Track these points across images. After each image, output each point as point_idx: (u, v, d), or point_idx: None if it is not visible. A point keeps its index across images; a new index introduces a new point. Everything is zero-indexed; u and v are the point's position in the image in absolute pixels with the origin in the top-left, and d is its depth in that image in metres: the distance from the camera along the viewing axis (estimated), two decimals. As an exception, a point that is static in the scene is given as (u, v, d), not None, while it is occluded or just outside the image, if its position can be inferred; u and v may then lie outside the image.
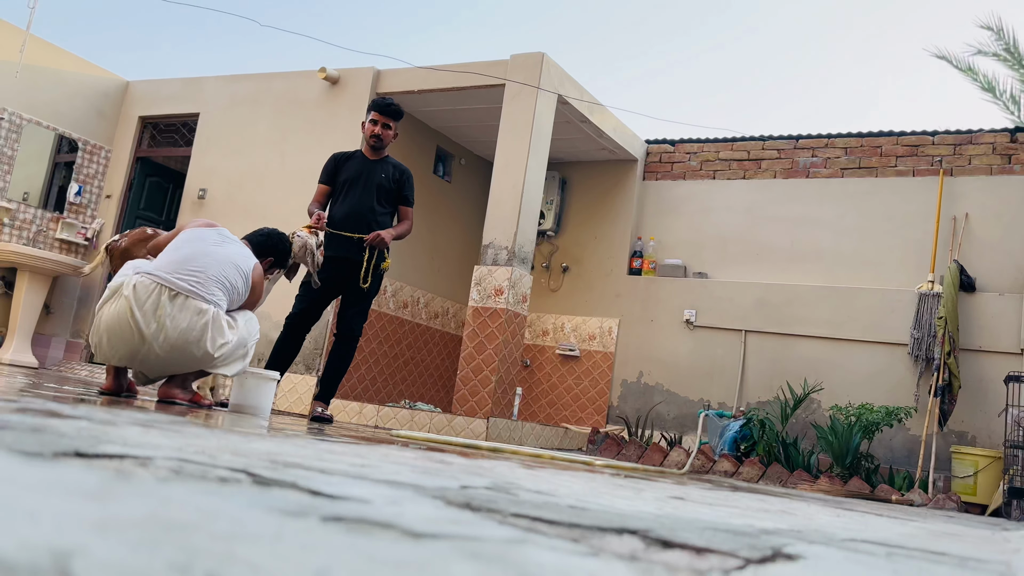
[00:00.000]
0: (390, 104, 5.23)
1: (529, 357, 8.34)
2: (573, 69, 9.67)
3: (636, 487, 2.36)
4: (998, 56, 6.36)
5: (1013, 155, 6.87)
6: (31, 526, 0.60)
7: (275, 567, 0.60)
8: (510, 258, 6.51)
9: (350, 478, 1.33)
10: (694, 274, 7.81)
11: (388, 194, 5.22)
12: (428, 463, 2.01)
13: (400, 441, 3.58)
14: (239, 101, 8.31)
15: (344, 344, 5.15)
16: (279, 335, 5.21)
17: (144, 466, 1.07)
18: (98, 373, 7.82)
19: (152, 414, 2.79)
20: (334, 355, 5.18)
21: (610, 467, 3.95)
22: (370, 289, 5.12)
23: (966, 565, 1.36)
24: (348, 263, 5.08)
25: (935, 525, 2.69)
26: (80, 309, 8.62)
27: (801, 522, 1.84)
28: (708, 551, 1.03)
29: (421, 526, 0.89)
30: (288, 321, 5.17)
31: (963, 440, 6.37)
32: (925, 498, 5.32)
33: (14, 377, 4.88)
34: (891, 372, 6.75)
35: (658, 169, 8.35)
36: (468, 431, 5.83)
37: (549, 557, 0.82)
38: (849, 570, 1.10)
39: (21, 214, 8.25)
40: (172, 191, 9.14)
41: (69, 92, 8.58)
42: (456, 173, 8.54)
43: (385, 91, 7.39)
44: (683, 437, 7.11)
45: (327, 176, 5.30)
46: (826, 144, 7.62)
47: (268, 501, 0.93)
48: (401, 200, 5.29)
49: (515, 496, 1.40)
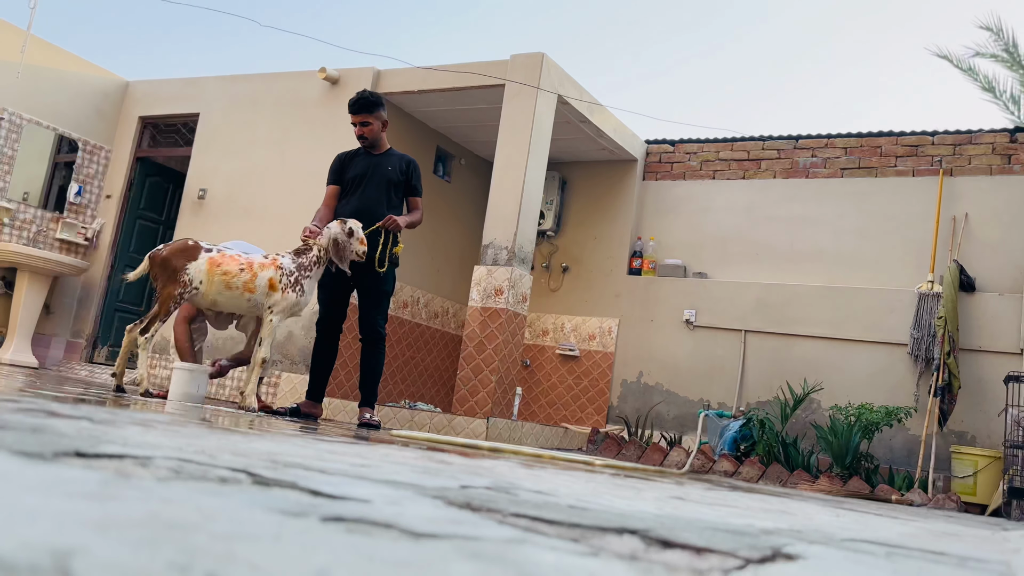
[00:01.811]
0: (356, 101, 5.20)
1: (529, 357, 8.34)
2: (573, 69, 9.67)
3: (636, 487, 2.36)
4: (997, 57, 6.36)
5: (1013, 155, 6.87)
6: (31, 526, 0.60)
7: (275, 567, 0.60)
8: (510, 258, 6.51)
9: (350, 478, 1.33)
10: (694, 274, 7.81)
11: (397, 186, 5.22)
12: (428, 463, 2.01)
13: (400, 441, 3.58)
14: (239, 101, 8.31)
15: (372, 346, 5.15)
16: (314, 341, 5.30)
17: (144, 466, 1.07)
18: (98, 373, 7.82)
19: (152, 414, 2.79)
20: (365, 359, 5.19)
21: (610, 467, 3.94)
22: (386, 285, 5.13)
23: (966, 565, 1.36)
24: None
25: (935, 525, 2.69)
26: (80, 309, 8.62)
27: (801, 522, 1.84)
28: (708, 551, 1.04)
29: (421, 526, 0.89)
30: (317, 326, 5.28)
31: (963, 440, 6.37)
32: (925, 498, 5.32)
33: (14, 377, 4.88)
34: (891, 372, 6.75)
35: (658, 169, 8.35)
36: (468, 431, 5.83)
37: (549, 557, 0.82)
38: (849, 570, 1.10)
39: (21, 214, 8.25)
40: (172, 191, 9.14)
41: (69, 92, 8.58)
42: (456, 173, 8.54)
43: (385, 91, 7.39)
44: (683, 437, 7.11)
45: (335, 176, 5.30)
46: (826, 144, 7.62)
47: (268, 501, 0.93)
48: (410, 191, 5.29)
49: (515, 496, 1.40)
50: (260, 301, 4.72)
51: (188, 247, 4.71)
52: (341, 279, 5.14)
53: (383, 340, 5.16)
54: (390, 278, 5.17)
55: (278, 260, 4.78)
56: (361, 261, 4.87)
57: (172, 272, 4.63)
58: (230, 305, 4.77)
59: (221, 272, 4.67)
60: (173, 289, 4.62)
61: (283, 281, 4.71)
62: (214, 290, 4.67)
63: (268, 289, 4.71)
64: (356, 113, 5.19)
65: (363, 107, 5.18)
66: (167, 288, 4.63)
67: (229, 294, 4.68)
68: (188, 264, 4.64)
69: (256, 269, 4.71)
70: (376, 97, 5.24)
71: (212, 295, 4.69)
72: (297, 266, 4.77)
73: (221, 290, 4.67)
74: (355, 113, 5.20)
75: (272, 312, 4.71)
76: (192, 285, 4.63)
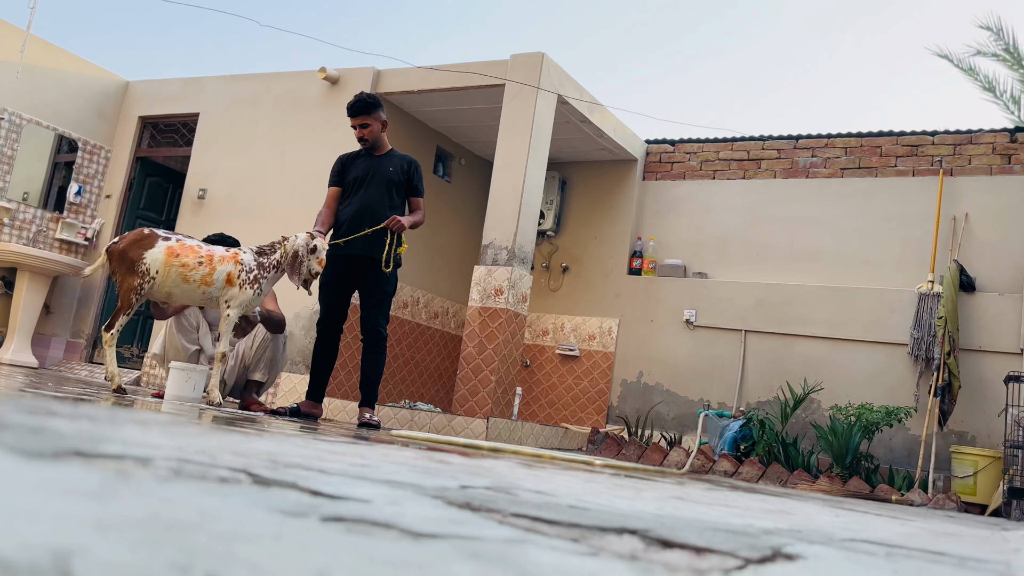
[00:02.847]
0: (354, 103, 5.22)
1: (529, 357, 8.34)
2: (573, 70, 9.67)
3: (636, 487, 2.36)
4: (997, 56, 6.36)
5: (1013, 155, 6.87)
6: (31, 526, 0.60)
7: (275, 567, 0.60)
8: (510, 258, 6.51)
9: (350, 478, 1.33)
10: (694, 274, 7.81)
11: (399, 187, 5.22)
12: (428, 463, 2.01)
13: (400, 441, 3.58)
14: (239, 101, 8.31)
15: (373, 347, 5.15)
16: (315, 341, 5.28)
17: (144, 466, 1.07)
18: (97, 373, 7.82)
19: (152, 414, 2.79)
20: (366, 360, 5.18)
21: (610, 467, 3.94)
22: (388, 285, 5.13)
23: (966, 565, 1.37)
24: (362, 259, 5.09)
25: (935, 525, 2.69)
26: (80, 309, 8.62)
27: (801, 522, 1.84)
28: (708, 551, 1.04)
29: (421, 526, 0.89)
30: (318, 326, 5.27)
31: (963, 440, 6.37)
32: (925, 498, 5.32)
33: (14, 377, 4.88)
34: (891, 372, 6.75)
35: (658, 169, 8.34)
36: (468, 431, 5.83)
37: (549, 557, 0.82)
38: (849, 570, 1.10)
39: (21, 214, 8.25)
40: (172, 191, 9.14)
41: (69, 92, 8.58)
42: (456, 173, 8.54)
43: (385, 91, 7.39)
44: (683, 437, 7.11)
45: (336, 178, 5.31)
46: (826, 144, 7.62)
47: (268, 501, 0.93)
48: (411, 191, 5.28)
49: (515, 496, 1.40)
50: (216, 295, 4.61)
51: (144, 236, 4.60)
52: (343, 278, 5.14)
53: (384, 341, 5.16)
54: (392, 278, 5.17)
55: (239, 255, 4.68)
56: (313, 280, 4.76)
57: (130, 263, 4.51)
58: (184, 298, 4.65)
59: (179, 264, 4.55)
60: (132, 280, 4.50)
61: (241, 277, 4.61)
62: (169, 282, 4.54)
63: (226, 284, 4.60)
64: (355, 116, 5.21)
65: (361, 109, 5.19)
66: (127, 280, 4.51)
67: (185, 287, 4.57)
68: (145, 253, 4.52)
69: (215, 263, 4.60)
70: (373, 98, 5.25)
71: (168, 286, 4.56)
72: (258, 264, 4.69)
73: (177, 282, 4.55)
74: (354, 116, 5.21)
75: (230, 307, 4.61)
76: (149, 275, 4.50)
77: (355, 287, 5.22)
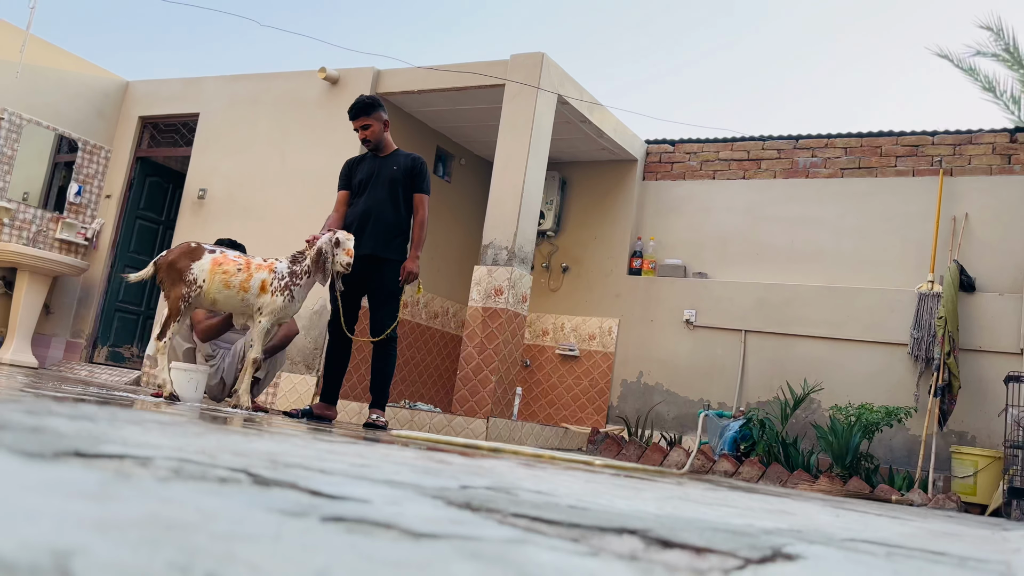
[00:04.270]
0: (354, 106, 5.25)
1: (529, 357, 8.34)
2: (573, 70, 9.67)
3: (636, 487, 2.36)
4: (998, 56, 6.36)
5: (1013, 155, 6.87)
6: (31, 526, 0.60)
7: (275, 567, 0.60)
8: (510, 258, 6.51)
9: (350, 478, 1.33)
10: (694, 274, 7.81)
11: (403, 186, 5.23)
12: (428, 463, 2.01)
13: (400, 441, 3.58)
14: (239, 101, 8.31)
15: (381, 347, 5.16)
16: (327, 343, 5.32)
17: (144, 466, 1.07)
18: (97, 373, 7.82)
19: (152, 414, 2.79)
20: (375, 361, 5.19)
21: (610, 467, 3.94)
22: (395, 285, 5.16)
23: (966, 565, 1.37)
24: (369, 259, 5.10)
25: (935, 525, 2.69)
26: (80, 309, 8.62)
27: (801, 522, 1.84)
28: (708, 551, 1.04)
29: (421, 526, 0.89)
30: (329, 327, 5.32)
31: (963, 440, 6.37)
32: (925, 498, 5.32)
33: (14, 377, 4.88)
34: (891, 372, 6.75)
35: (658, 169, 8.34)
36: (468, 431, 5.83)
37: (549, 557, 0.82)
38: (849, 570, 1.10)
39: (21, 214, 8.25)
40: (172, 191, 9.14)
41: (69, 92, 8.58)
42: (456, 173, 8.54)
43: (385, 91, 7.39)
44: (683, 437, 7.11)
45: (344, 182, 5.37)
46: (826, 144, 7.62)
47: (268, 501, 0.93)
48: (414, 188, 5.28)
49: (515, 496, 1.40)
50: (252, 302, 4.81)
51: (192, 248, 4.87)
52: (351, 279, 5.14)
53: (393, 342, 5.16)
54: (396, 278, 5.18)
55: (274, 264, 4.87)
56: (346, 273, 4.85)
57: (178, 273, 4.78)
58: (227, 304, 4.87)
59: (222, 271, 4.80)
60: (180, 289, 4.76)
61: (274, 284, 4.78)
62: (215, 288, 4.79)
63: (260, 291, 4.79)
64: (355, 118, 5.23)
65: (361, 110, 5.21)
66: (174, 290, 4.78)
67: (227, 293, 4.80)
68: (192, 264, 4.79)
69: (252, 270, 4.82)
70: (372, 99, 5.27)
71: (212, 293, 4.80)
72: (290, 272, 4.83)
73: (220, 288, 4.79)
74: (354, 118, 5.23)
75: (261, 314, 4.79)
76: (196, 284, 4.76)
77: (364, 287, 5.23)
